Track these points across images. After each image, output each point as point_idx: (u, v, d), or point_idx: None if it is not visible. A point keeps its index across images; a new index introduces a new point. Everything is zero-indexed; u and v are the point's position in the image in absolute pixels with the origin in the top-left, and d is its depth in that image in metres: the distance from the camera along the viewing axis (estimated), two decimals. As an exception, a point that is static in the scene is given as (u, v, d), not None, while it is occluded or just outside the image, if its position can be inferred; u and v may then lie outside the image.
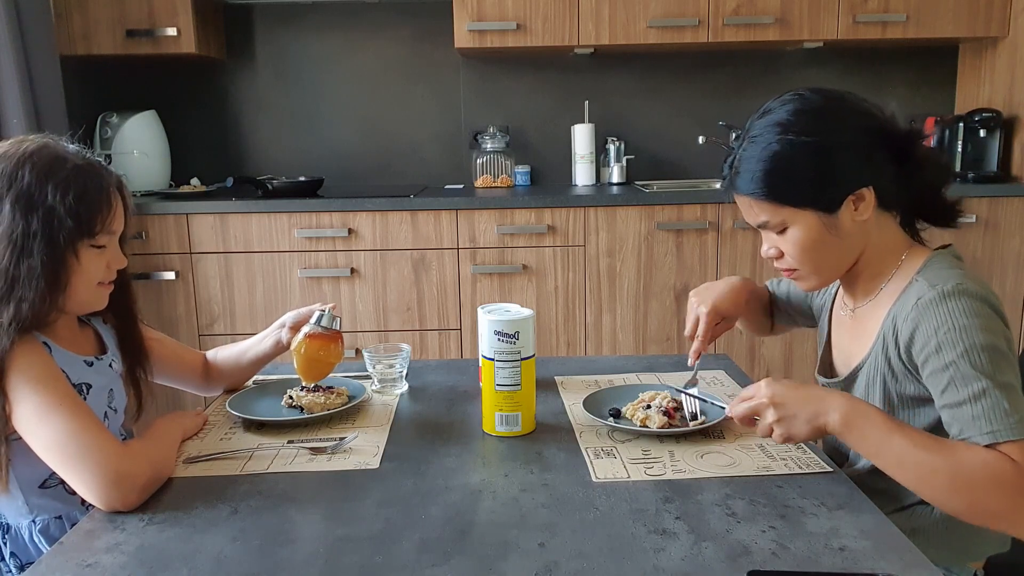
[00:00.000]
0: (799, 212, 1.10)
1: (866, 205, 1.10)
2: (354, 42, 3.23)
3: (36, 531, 1.12)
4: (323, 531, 0.91)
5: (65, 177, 1.06)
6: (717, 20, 2.87)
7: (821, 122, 1.09)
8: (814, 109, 1.10)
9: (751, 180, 1.11)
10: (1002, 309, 1.06)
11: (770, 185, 1.09)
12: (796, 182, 1.09)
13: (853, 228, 1.11)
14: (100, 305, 1.17)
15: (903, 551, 0.84)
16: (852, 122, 1.11)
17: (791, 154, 1.08)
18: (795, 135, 1.08)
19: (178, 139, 3.16)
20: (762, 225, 1.14)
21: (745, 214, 1.16)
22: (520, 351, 1.16)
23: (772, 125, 1.10)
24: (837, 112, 1.11)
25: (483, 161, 3.19)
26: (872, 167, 1.10)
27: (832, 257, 1.14)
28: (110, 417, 1.20)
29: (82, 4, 2.83)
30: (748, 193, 1.12)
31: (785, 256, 1.15)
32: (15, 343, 1.03)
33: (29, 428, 1.01)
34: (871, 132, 1.11)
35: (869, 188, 1.09)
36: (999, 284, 2.83)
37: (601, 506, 0.95)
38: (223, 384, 1.41)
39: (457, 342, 2.83)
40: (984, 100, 3.08)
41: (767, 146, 1.09)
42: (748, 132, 1.13)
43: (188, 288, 2.78)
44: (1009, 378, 1.00)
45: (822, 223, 1.10)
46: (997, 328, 1.03)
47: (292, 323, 1.36)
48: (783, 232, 1.13)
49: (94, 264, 1.11)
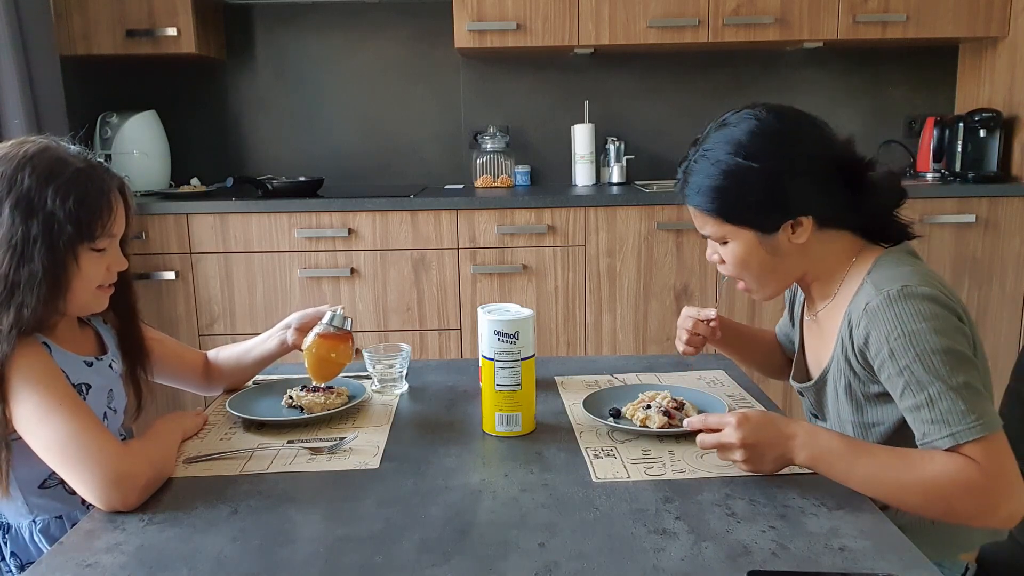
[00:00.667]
0: (738, 229, 1.14)
1: (803, 230, 1.13)
2: (354, 42, 3.23)
3: (36, 531, 1.13)
4: (323, 531, 0.91)
5: (66, 181, 1.05)
6: (717, 20, 2.87)
7: (772, 147, 1.11)
8: (768, 132, 1.11)
9: (697, 192, 1.15)
10: (955, 304, 1.07)
11: (713, 201, 1.13)
12: (737, 203, 1.12)
13: (790, 248, 1.15)
14: (100, 308, 1.17)
15: (903, 551, 0.84)
16: (802, 150, 1.12)
17: (736, 175, 1.11)
18: (743, 158, 1.10)
19: (178, 139, 3.16)
20: (706, 235, 1.19)
21: (693, 220, 1.20)
22: (520, 351, 1.16)
23: (725, 143, 1.13)
24: (790, 139, 1.12)
25: (483, 161, 3.19)
26: (817, 195, 1.12)
27: (769, 273, 1.18)
28: (109, 417, 1.20)
29: (82, 4, 2.83)
30: (694, 205, 1.16)
31: (725, 263, 1.19)
32: (15, 347, 1.03)
33: (29, 428, 1.01)
34: (822, 161, 1.12)
35: (807, 218, 1.12)
36: (999, 284, 2.84)
37: (601, 506, 0.95)
38: (224, 384, 1.41)
39: (457, 342, 2.83)
40: (984, 100, 3.08)
41: (716, 163, 1.12)
42: (703, 143, 1.16)
43: (188, 288, 2.78)
44: (965, 378, 1.00)
45: (759, 242, 1.14)
46: (949, 327, 1.03)
47: (298, 324, 1.36)
48: (726, 246, 1.17)
49: (94, 268, 1.11)
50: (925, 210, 2.78)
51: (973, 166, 2.98)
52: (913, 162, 3.25)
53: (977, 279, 2.83)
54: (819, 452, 1.01)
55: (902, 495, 0.98)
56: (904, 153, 3.27)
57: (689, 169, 1.17)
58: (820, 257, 1.17)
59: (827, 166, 1.12)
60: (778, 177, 1.10)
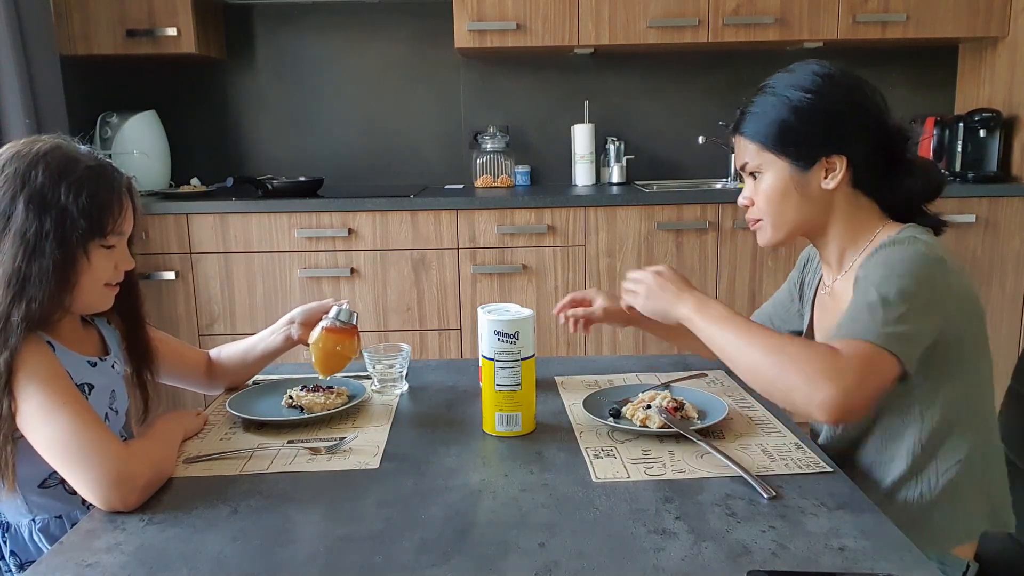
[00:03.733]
0: (776, 160, 1.18)
1: (835, 176, 1.16)
2: (354, 42, 3.23)
3: (36, 530, 1.13)
4: (323, 531, 0.91)
5: (78, 178, 1.07)
6: (717, 20, 2.87)
7: (828, 86, 1.16)
8: (829, 75, 1.17)
9: (748, 122, 1.21)
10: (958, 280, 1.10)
11: (760, 127, 1.19)
12: (782, 130, 1.17)
13: (819, 194, 1.18)
14: (105, 306, 1.17)
15: (903, 551, 0.84)
16: (856, 98, 1.17)
17: (789, 106, 1.16)
18: (799, 90, 1.16)
19: (178, 139, 3.16)
20: (743, 167, 1.23)
21: (736, 155, 1.25)
22: (520, 351, 1.16)
23: (787, 81, 1.18)
24: (848, 85, 1.18)
25: (483, 161, 3.19)
26: (858, 143, 1.16)
27: (791, 213, 1.20)
28: (111, 418, 1.20)
29: (82, 4, 2.83)
30: (741, 132, 1.21)
31: (754, 205, 1.23)
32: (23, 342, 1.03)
33: (32, 427, 1.01)
34: (871, 116, 1.17)
35: (842, 158, 1.16)
36: (999, 284, 2.84)
37: (601, 506, 0.95)
38: (227, 382, 1.41)
39: (457, 342, 2.83)
40: (984, 100, 3.08)
41: (775, 96, 1.18)
42: (766, 83, 1.21)
43: (188, 288, 2.78)
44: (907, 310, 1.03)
45: (792, 177, 1.18)
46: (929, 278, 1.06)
47: (302, 318, 1.36)
48: (758, 180, 1.21)
49: (103, 264, 1.11)
50: (925, 210, 2.78)
51: (973, 166, 2.98)
52: (913, 162, 3.25)
53: (977, 279, 2.83)
54: (703, 309, 1.13)
55: (757, 358, 1.04)
56: (904, 153, 3.27)
57: (748, 105, 1.21)
58: (844, 217, 1.20)
59: (874, 124, 1.17)
60: (826, 113, 1.15)
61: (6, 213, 1.04)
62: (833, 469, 1.04)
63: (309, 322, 1.35)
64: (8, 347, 1.02)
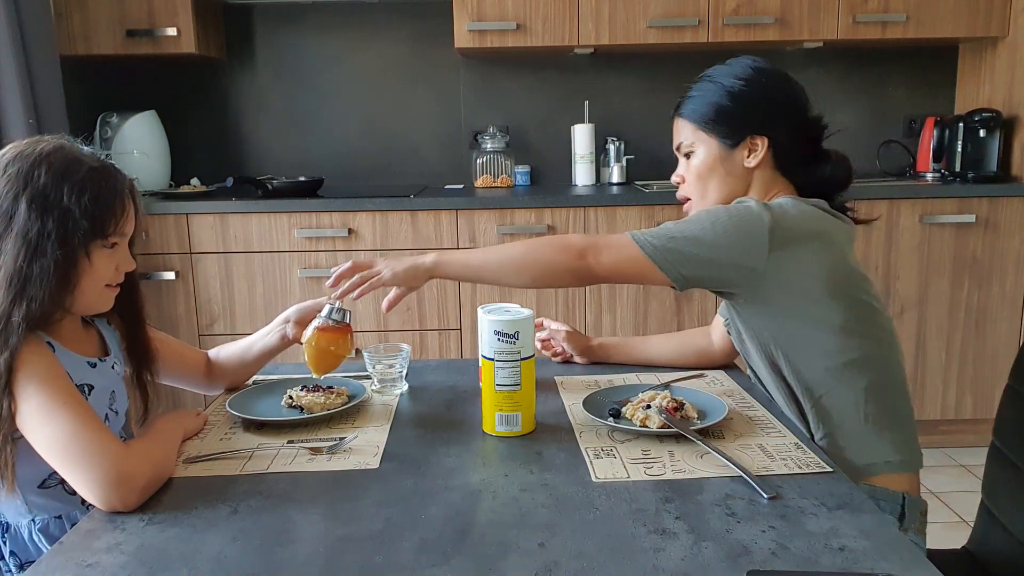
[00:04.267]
0: (707, 139, 1.33)
1: (757, 155, 1.31)
2: (354, 42, 3.23)
3: (35, 530, 1.13)
4: (323, 531, 0.91)
5: (81, 178, 1.07)
6: (717, 20, 2.87)
7: (759, 77, 1.31)
8: (761, 68, 1.32)
9: (686, 104, 1.35)
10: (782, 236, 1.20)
11: (695, 109, 1.33)
12: (715, 111, 1.31)
13: (741, 171, 1.33)
14: (105, 307, 1.17)
15: (903, 551, 0.84)
16: (783, 89, 1.32)
17: (723, 91, 1.31)
18: (733, 78, 1.31)
19: (178, 139, 3.16)
20: (679, 147, 1.37)
21: (674, 136, 1.38)
22: (520, 351, 1.16)
23: (724, 71, 1.33)
24: (776, 77, 1.32)
25: (483, 161, 3.19)
26: (780, 128, 1.30)
27: (716, 187, 1.34)
28: (111, 419, 1.20)
29: (82, 4, 2.83)
30: (680, 114, 1.36)
31: (685, 183, 1.38)
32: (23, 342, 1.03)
33: (32, 427, 1.01)
34: (794, 107, 1.32)
35: (764, 139, 1.30)
36: (999, 284, 2.84)
37: (601, 506, 0.95)
38: (226, 382, 1.41)
39: (457, 342, 2.83)
40: (984, 100, 3.08)
41: (712, 82, 1.33)
42: (706, 73, 1.35)
43: (188, 288, 2.78)
44: (685, 237, 1.21)
45: (719, 155, 1.32)
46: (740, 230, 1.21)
47: (297, 317, 1.36)
48: (691, 158, 1.35)
49: (104, 265, 1.11)
50: (925, 210, 2.78)
51: (973, 166, 2.98)
52: (913, 162, 3.25)
53: (977, 279, 2.83)
54: (443, 255, 1.29)
55: (506, 258, 1.28)
56: (904, 153, 3.27)
57: (688, 91, 1.36)
58: (759, 190, 1.33)
59: (795, 112, 1.32)
60: (755, 98, 1.30)
61: (8, 213, 1.04)
62: (833, 469, 1.04)
63: (304, 320, 1.35)
64: (8, 347, 1.02)
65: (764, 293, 1.24)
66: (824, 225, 1.26)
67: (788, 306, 1.24)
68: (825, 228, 1.26)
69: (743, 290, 1.25)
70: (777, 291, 1.23)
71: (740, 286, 1.25)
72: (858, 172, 3.23)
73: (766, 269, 1.21)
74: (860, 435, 1.25)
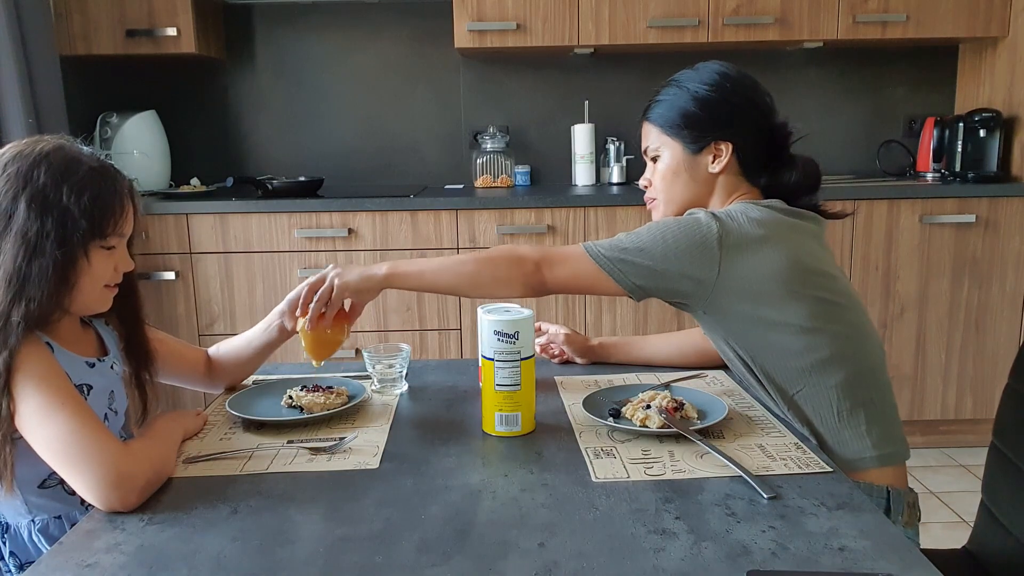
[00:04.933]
0: (672, 143, 1.34)
1: (721, 160, 1.32)
2: (354, 42, 3.23)
3: (35, 530, 1.13)
4: (323, 531, 0.91)
5: (80, 179, 1.07)
6: (717, 20, 2.87)
7: (724, 83, 1.32)
8: (727, 74, 1.33)
9: (653, 109, 1.36)
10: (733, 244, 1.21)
11: (661, 114, 1.35)
12: (680, 116, 1.32)
13: (705, 176, 1.34)
14: (104, 307, 1.17)
15: (903, 551, 0.84)
16: (749, 95, 1.33)
17: (688, 97, 1.32)
18: (700, 84, 1.32)
19: (178, 139, 3.16)
20: (645, 151, 1.39)
21: (642, 140, 1.40)
22: (520, 351, 1.16)
23: (691, 77, 1.34)
24: (742, 83, 1.33)
25: (483, 161, 3.19)
26: (743, 133, 1.32)
27: (680, 191, 1.36)
28: (110, 419, 1.20)
29: (82, 4, 2.83)
30: (647, 118, 1.38)
31: (651, 186, 1.39)
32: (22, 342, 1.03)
33: (31, 427, 1.01)
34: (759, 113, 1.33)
35: (728, 144, 1.31)
36: (999, 284, 2.84)
37: (601, 506, 0.95)
38: (227, 380, 1.41)
39: (457, 342, 2.83)
40: (984, 100, 3.08)
41: (679, 87, 1.34)
42: (674, 78, 1.36)
43: (188, 288, 2.78)
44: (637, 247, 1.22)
45: (684, 159, 1.34)
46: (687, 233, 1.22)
47: (290, 308, 1.35)
48: (657, 162, 1.37)
49: (103, 265, 1.11)
50: (925, 210, 2.78)
51: (973, 166, 2.99)
52: (913, 162, 3.25)
53: (977, 279, 2.83)
54: (396, 268, 1.29)
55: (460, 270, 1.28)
56: (904, 153, 3.27)
57: (656, 95, 1.37)
58: (724, 199, 1.34)
59: (760, 118, 1.33)
60: (719, 103, 1.31)
61: (7, 212, 1.04)
62: (833, 469, 1.04)
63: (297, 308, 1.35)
64: (7, 346, 1.02)
65: (719, 303, 1.24)
66: (776, 228, 1.24)
67: (747, 313, 1.24)
68: (776, 231, 1.24)
69: (696, 301, 1.26)
70: (733, 299, 1.23)
71: (692, 297, 1.25)
72: (858, 172, 3.24)
73: (717, 280, 1.21)
74: (838, 432, 1.25)
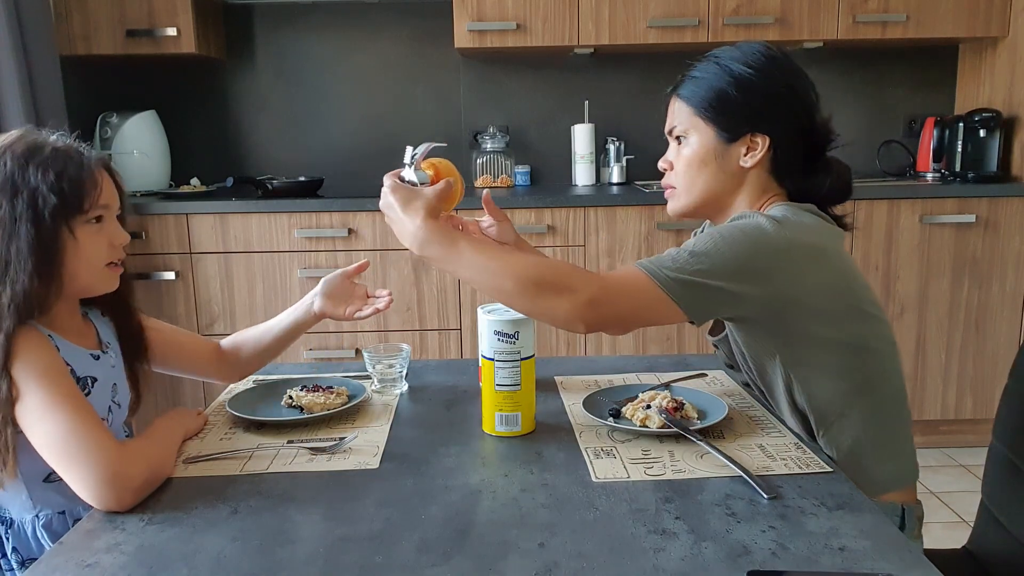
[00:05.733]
0: (704, 127, 1.22)
1: (755, 154, 1.21)
2: (354, 42, 3.23)
3: (39, 526, 1.13)
4: (323, 531, 0.91)
5: (45, 158, 1.08)
6: (717, 20, 2.87)
7: (771, 67, 1.20)
8: (775, 57, 1.21)
9: (687, 85, 1.25)
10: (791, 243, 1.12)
11: (696, 92, 1.23)
12: (717, 98, 1.20)
13: (734, 169, 1.22)
14: (111, 287, 1.17)
15: (903, 551, 0.84)
16: (792, 82, 1.21)
17: (730, 77, 1.20)
18: (742, 64, 1.20)
19: (178, 139, 3.17)
20: (671, 131, 1.28)
21: (668, 117, 1.29)
22: (520, 351, 1.16)
23: (732, 55, 1.22)
24: (787, 69, 1.21)
25: (483, 161, 3.19)
26: (783, 127, 1.20)
27: (704, 182, 1.24)
28: (114, 411, 1.20)
29: (82, 4, 2.83)
30: (679, 94, 1.25)
31: (673, 170, 1.28)
32: (19, 325, 1.04)
33: (31, 424, 1.01)
34: (803, 107, 1.21)
35: (765, 138, 1.20)
36: (999, 284, 2.84)
37: (601, 506, 0.95)
38: (244, 369, 1.41)
39: (457, 342, 2.83)
40: (984, 100, 3.08)
41: (719, 65, 1.21)
42: (713, 54, 1.24)
43: (188, 288, 2.78)
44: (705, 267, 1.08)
45: (715, 147, 1.22)
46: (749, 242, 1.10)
47: (325, 289, 1.36)
48: (683, 144, 1.26)
49: (93, 241, 1.11)
50: (925, 210, 2.78)
51: (973, 166, 2.99)
52: (913, 162, 3.25)
53: (977, 279, 2.83)
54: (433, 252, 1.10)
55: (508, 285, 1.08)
56: (904, 153, 3.27)
57: (690, 70, 1.25)
58: (750, 198, 1.24)
59: (803, 114, 1.21)
60: (762, 91, 1.19)
61: None
62: (833, 469, 1.04)
63: (332, 294, 1.36)
64: (3, 330, 1.03)
65: (791, 318, 1.14)
66: (829, 238, 1.18)
67: (800, 326, 1.15)
68: (831, 241, 1.18)
69: (765, 320, 1.15)
70: (803, 314, 1.14)
71: (763, 316, 1.15)
72: (858, 172, 3.24)
73: (791, 291, 1.12)
74: (869, 456, 1.20)
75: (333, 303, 1.37)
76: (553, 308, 1.07)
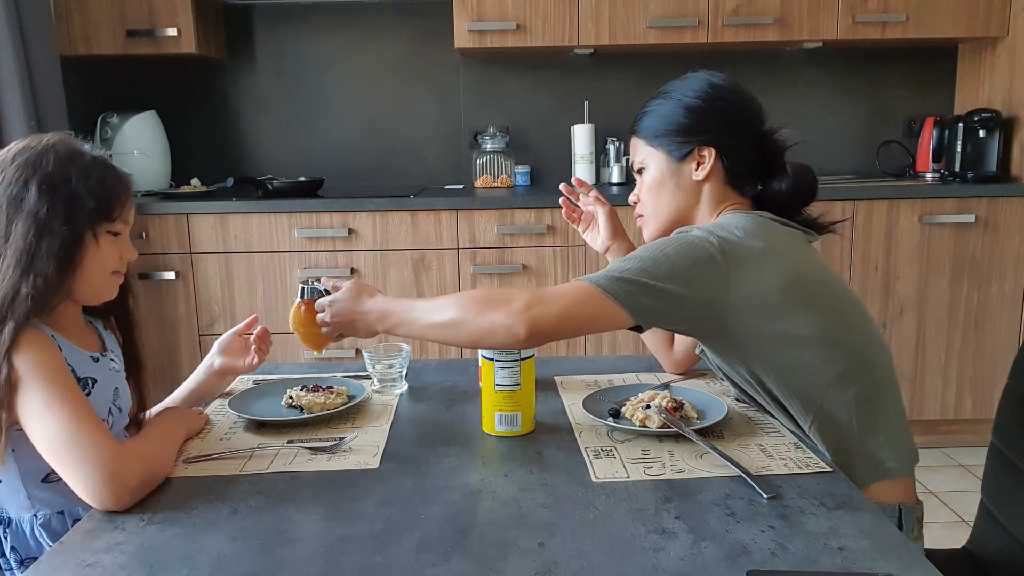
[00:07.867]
0: (655, 153, 1.30)
1: (704, 167, 1.27)
2: (354, 42, 3.23)
3: (37, 525, 1.13)
4: (323, 531, 0.91)
5: (85, 164, 1.12)
6: (717, 20, 2.87)
7: (709, 88, 1.28)
8: (713, 81, 1.29)
9: (640, 120, 1.33)
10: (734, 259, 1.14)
11: (647, 125, 1.31)
12: (662, 125, 1.29)
13: (690, 185, 1.28)
14: (111, 294, 1.19)
15: (903, 551, 0.84)
16: (729, 97, 1.28)
17: (674, 106, 1.28)
18: (687, 93, 1.28)
19: (178, 139, 3.17)
20: (633, 166, 1.35)
21: (631, 157, 1.36)
22: (520, 351, 1.16)
23: (678, 88, 1.30)
24: (727, 88, 1.29)
25: (483, 161, 3.19)
26: (724, 138, 1.26)
27: (666, 203, 1.31)
28: (115, 415, 1.20)
29: (82, 4, 2.83)
30: (634, 131, 1.34)
31: (640, 201, 1.35)
32: (28, 321, 1.05)
33: (30, 422, 1.02)
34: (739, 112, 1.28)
35: (711, 150, 1.26)
36: (999, 284, 2.84)
37: (601, 506, 0.95)
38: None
39: (457, 342, 2.83)
40: (984, 100, 3.08)
41: (666, 99, 1.30)
42: (663, 89, 1.32)
43: (188, 288, 2.78)
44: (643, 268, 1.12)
45: (667, 167, 1.29)
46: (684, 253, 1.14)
47: (220, 349, 1.37)
48: (643, 174, 1.33)
49: (110, 251, 1.15)
50: (925, 210, 2.78)
51: (973, 166, 2.99)
52: (913, 162, 3.25)
53: (977, 279, 2.83)
54: (391, 321, 1.21)
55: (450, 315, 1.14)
56: (904, 153, 3.27)
57: (645, 107, 1.33)
58: (710, 210, 1.29)
59: (746, 124, 1.28)
60: (701, 109, 1.27)
61: (19, 197, 1.08)
62: (832, 469, 1.05)
63: (228, 349, 1.37)
64: (15, 317, 1.04)
65: (734, 323, 1.15)
66: (772, 238, 1.19)
67: (763, 329, 1.16)
68: (774, 240, 1.18)
69: (709, 324, 1.17)
70: (748, 316, 1.15)
71: (705, 319, 1.16)
72: (858, 172, 3.25)
73: (728, 296, 1.13)
74: (857, 447, 1.19)
75: (232, 358, 1.38)
76: (492, 321, 1.11)
